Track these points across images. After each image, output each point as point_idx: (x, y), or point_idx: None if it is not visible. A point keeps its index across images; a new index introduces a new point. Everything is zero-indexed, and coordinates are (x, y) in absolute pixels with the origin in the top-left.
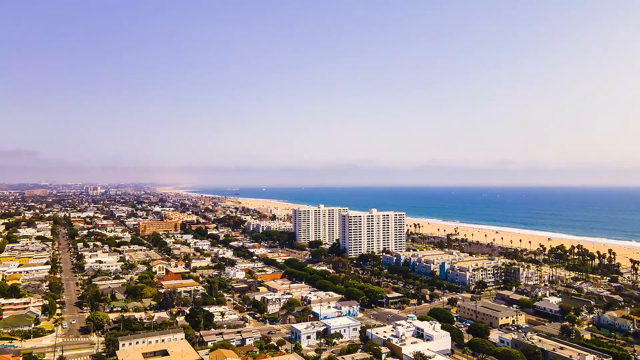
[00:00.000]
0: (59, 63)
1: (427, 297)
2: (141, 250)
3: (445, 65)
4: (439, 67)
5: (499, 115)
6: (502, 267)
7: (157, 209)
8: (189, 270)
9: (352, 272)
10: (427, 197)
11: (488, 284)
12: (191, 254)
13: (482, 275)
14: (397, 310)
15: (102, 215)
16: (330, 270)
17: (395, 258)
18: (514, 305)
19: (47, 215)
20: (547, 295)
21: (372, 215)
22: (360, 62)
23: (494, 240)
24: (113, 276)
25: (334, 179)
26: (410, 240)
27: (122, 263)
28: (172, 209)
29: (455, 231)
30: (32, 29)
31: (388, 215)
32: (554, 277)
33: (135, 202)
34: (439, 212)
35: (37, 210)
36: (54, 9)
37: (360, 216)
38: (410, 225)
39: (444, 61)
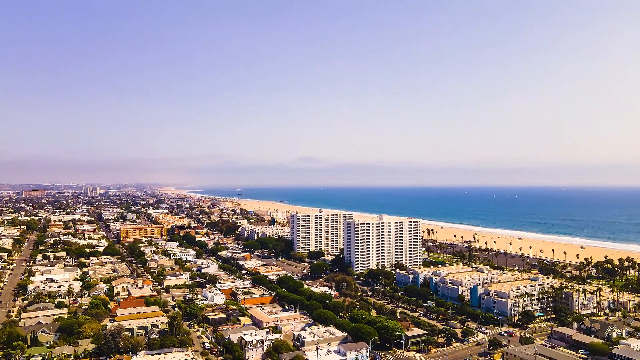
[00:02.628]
0: (72, 64)
1: (459, 334)
2: (111, 262)
3: (449, 65)
4: (441, 67)
5: (504, 116)
6: (551, 290)
7: (151, 211)
8: (156, 294)
9: (359, 293)
10: (434, 197)
11: (534, 314)
12: (168, 268)
13: (526, 302)
14: (421, 354)
15: (87, 219)
16: (332, 292)
17: (412, 276)
18: (581, 351)
19: (25, 219)
20: (624, 335)
21: (382, 222)
22: (362, 62)
23: (521, 249)
24: (57, 302)
25: (342, 180)
26: (424, 249)
27: (80, 282)
28: (167, 211)
29: (474, 238)
30: (35, 30)
31: (401, 222)
32: (615, 304)
33: (131, 203)
34: (451, 214)
35: (22, 212)
36: (54, 10)
37: (369, 223)
38: (423, 231)
39: (447, 61)
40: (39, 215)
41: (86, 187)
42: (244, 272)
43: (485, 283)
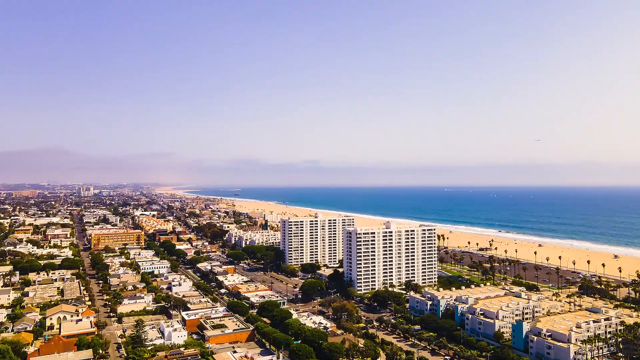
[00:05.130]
0: (73, 64)
1: None
2: (63, 279)
3: (450, 66)
4: (443, 67)
5: (504, 116)
6: (622, 329)
7: (137, 213)
8: (94, 330)
9: (362, 324)
10: (435, 198)
11: None
12: (130, 287)
13: (594, 347)
14: None
15: (63, 222)
16: (327, 324)
17: (430, 302)
18: None
19: None
20: None
21: (389, 231)
22: (362, 63)
23: (548, 259)
24: None
25: (342, 180)
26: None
27: (6, 310)
28: (155, 213)
29: (490, 244)
30: (35, 30)
31: (413, 231)
32: None
33: (121, 204)
34: (457, 216)
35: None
36: (56, 11)
37: (373, 232)
38: None
39: (447, 62)
40: (16, 217)
41: (80, 187)
42: (222, 291)
43: (527, 314)
